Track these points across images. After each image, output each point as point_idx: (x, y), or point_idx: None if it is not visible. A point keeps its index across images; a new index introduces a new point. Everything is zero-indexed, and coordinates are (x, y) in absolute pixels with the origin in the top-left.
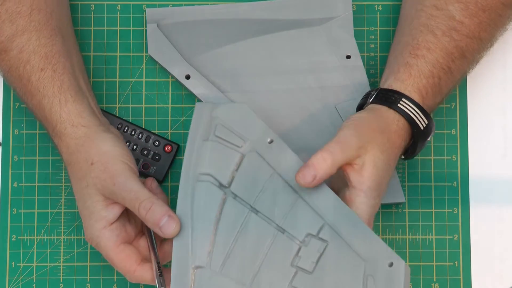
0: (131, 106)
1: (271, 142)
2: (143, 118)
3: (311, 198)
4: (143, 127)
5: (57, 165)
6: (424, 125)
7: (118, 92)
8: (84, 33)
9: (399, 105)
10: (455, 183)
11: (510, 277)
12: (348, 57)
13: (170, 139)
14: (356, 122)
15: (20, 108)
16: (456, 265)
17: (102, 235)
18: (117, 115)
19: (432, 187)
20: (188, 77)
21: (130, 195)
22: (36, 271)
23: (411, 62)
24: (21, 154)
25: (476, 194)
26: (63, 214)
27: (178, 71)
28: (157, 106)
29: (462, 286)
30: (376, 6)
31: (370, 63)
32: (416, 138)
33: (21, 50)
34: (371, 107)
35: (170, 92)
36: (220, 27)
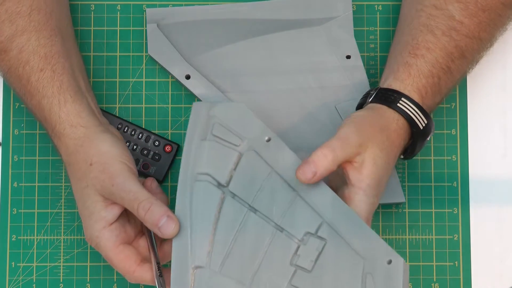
0: (131, 106)
1: (268, 140)
2: (143, 118)
3: (309, 196)
4: (143, 127)
5: (57, 165)
6: (424, 124)
7: (118, 92)
8: (84, 33)
9: (398, 104)
10: (455, 183)
11: (510, 277)
12: (348, 57)
13: (170, 139)
14: (356, 119)
15: (20, 108)
16: (456, 265)
17: (101, 235)
18: (117, 115)
19: (432, 187)
20: (188, 77)
21: (129, 195)
22: (36, 271)
23: (411, 61)
24: (21, 154)
25: (476, 194)
26: (63, 214)
27: (178, 71)
28: (157, 106)
29: (462, 286)
30: (376, 6)
31: (370, 63)
32: (415, 138)
33: (20, 51)
34: (371, 106)
35: (170, 92)
36: (220, 27)
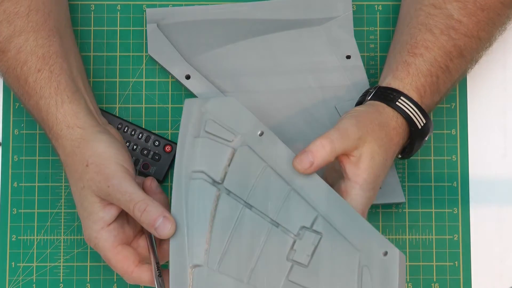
0: (131, 106)
1: (261, 134)
2: (143, 118)
3: (304, 190)
4: (143, 127)
5: (57, 165)
6: (422, 124)
7: (118, 92)
8: (84, 33)
9: (397, 103)
10: (455, 183)
11: (510, 277)
12: (348, 57)
13: (170, 139)
14: (356, 114)
15: (20, 108)
16: (456, 265)
17: (100, 236)
18: (117, 115)
19: (432, 187)
20: (188, 77)
21: (125, 196)
22: (36, 271)
23: (409, 60)
24: (21, 154)
25: (476, 194)
26: (63, 214)
27: (178, 71)
28: (157, 106)
29: (462, 286)
30: (376, 6)
31: (370, 63)
32: (413, 137)
33: (18, 51)
34: (370, 103)
35: (170, 92)
36: (220, 27)
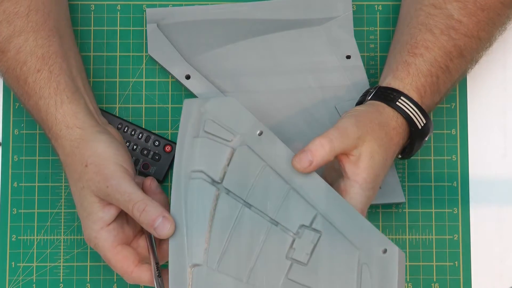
0: (131, 106)
1: (260, 134)
2: (143, 118)
3: (303, 188)
4: (143, 127)
5: (57, 165)
6: (422, 124)
7: (118, 92)
8: (84, 33)
9: (397, 103)
10: (455, 183)
11: (510, 277)
12: (348, 57)
13: (170, 139)
14: (356, 113)
15: (20, 108)
16: (456, 265)
17: (99, 236)
18: (117, 115)
19: (432, 187)
20: (188, 77)
21: (124, 197)
22: (36, 271)
23: (409, 60)
24: (21, 154)
25: (476, 194)
26: (63, 214)
27: (178, 71)
28: (157, 106)
29: (462, 286)
30: (376, 6)
31: (370, 63)
32: (413, 137)
33: (18, 51)
34: (370, 103)
35: (170, 92)
36: (220, 27)
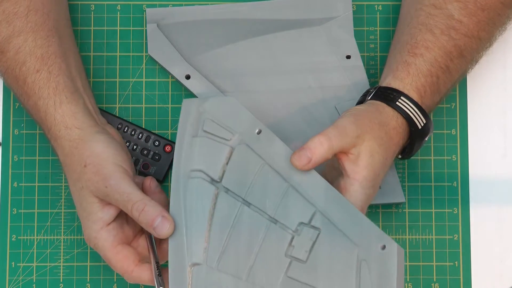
0: (131, 106)
1: (259, 132)
2: (143, 118)
3: (302, 186)
4: (143, 127)
5: (57, 165)
6: (422, 124)
7: (118, 92)
8: (84, 33)
9: (397, 103)
10: (455, 183)
11: (510, 277)
12: (348, 57)
13: (170, 139)
14: (355, 112)
15: (20, 108)
16: (456, 265)
17: (99, 236)
18: (117, 115)
19: (432, 187)
20: (188, 77)
21: (123, 197)
22: (36, 271)
23: (410, 60)
24: (21, 154)
25: (476, 194)
26: (63, 214)
27: (178, 71)
28: (157, 106)
29: (462, 286)
30: (376, 6)
31: (370, 63)
32: (413, 137)
33: (17, 52)
34: (370, 102)
35: (170, 92)
36: (220, 27)
